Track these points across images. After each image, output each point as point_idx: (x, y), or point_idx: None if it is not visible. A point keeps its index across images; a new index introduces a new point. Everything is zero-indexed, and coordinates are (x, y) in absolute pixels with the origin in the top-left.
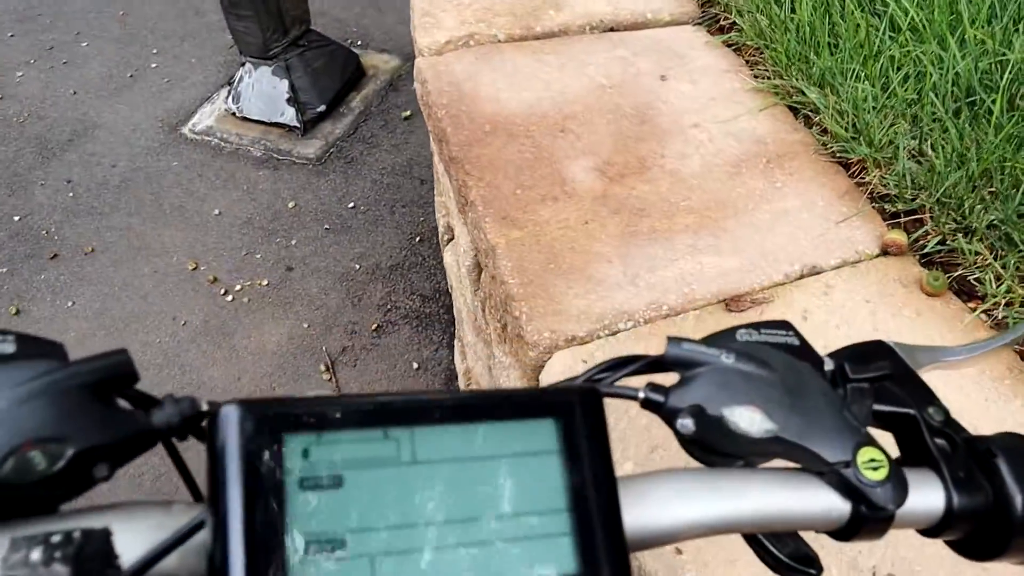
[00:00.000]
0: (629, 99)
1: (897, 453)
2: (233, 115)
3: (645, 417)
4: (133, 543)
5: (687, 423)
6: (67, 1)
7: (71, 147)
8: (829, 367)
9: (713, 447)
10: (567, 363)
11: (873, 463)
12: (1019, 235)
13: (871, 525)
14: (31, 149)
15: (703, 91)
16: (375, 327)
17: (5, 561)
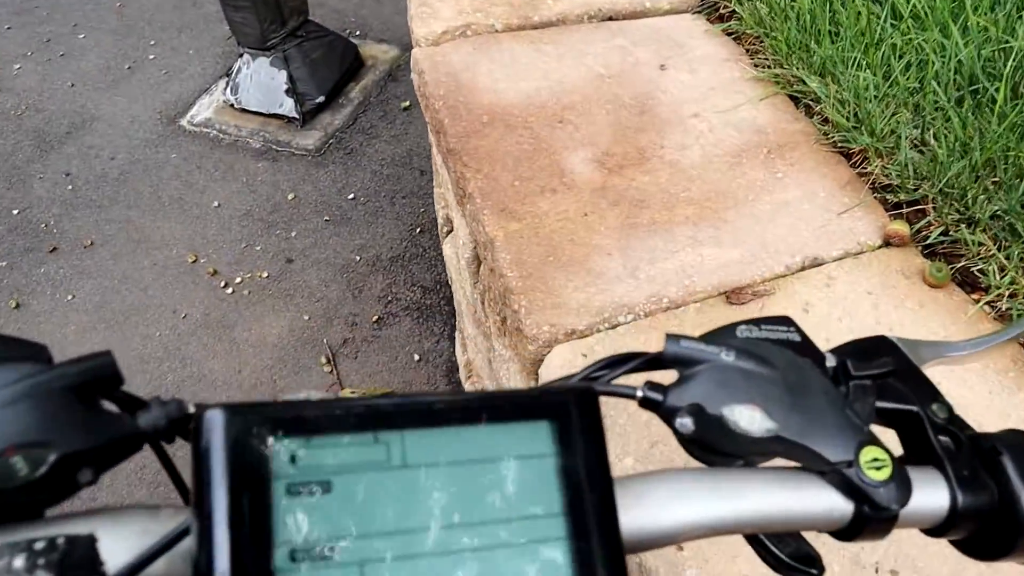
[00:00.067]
0: (628, 89)
1: (900, 451)
2: (231, 106)
3: (646, 413)
4: (119, 549)
5: (686, 422)
6: None
7: (69, 140)
8: (831, 364)
9: (713, 446)
10: (566, 357)
11: (876, 462)
12: (1023, 225)
13: (874, 525)
14: (29, 142)
15: (703, 80)
16: (376, 319)
17: None
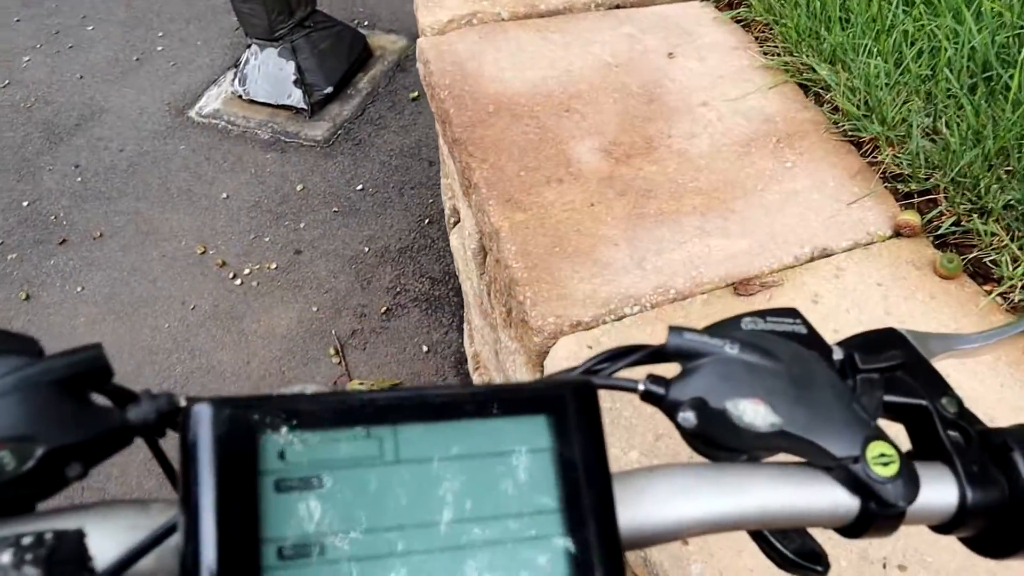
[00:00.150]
0: (636, 77)
1: (908, 445)
2: (240, 98)
3: (652, 406)
4: (108, 544)
5: (688, 416)
6: None
7: (78, 132)
8: (838, 356)
9: (716, 441)
10: (572, 349)
11: (883, 458)
12: None
13: (880, 522)
14: (39, 134)
15: (711, 68)
16: (384, 310)
17: None
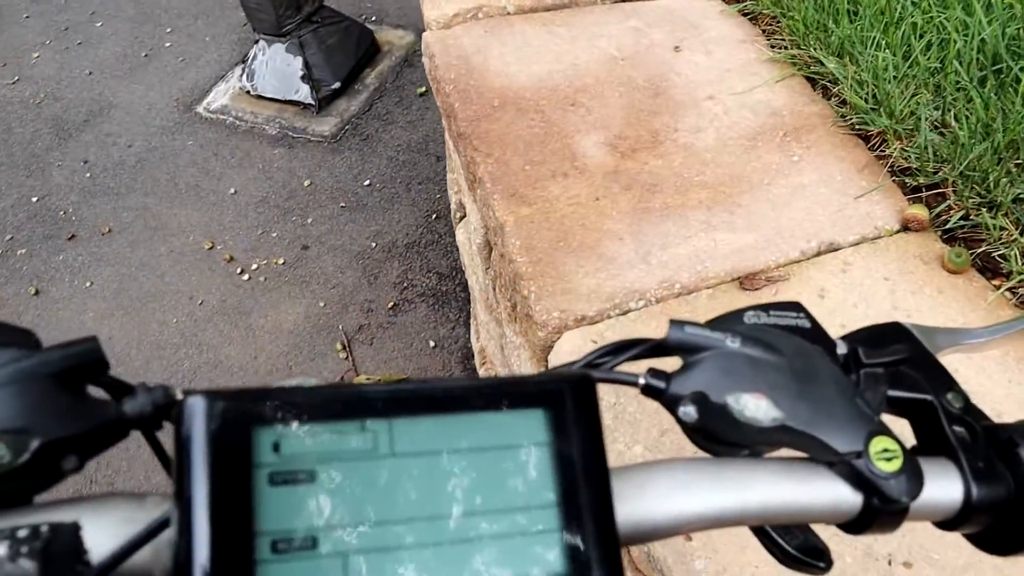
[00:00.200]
0: (642, 71)
1: (913, 441)
2: (248, 93)
3: (656, 401)
4: (104, 537)
5: (689, 411)
6: None
7: (87, 127)
8: (842, 351)
9: (717, 436)
10: (576, 343)
11: (886, 453)
12: None
13: (884, 518)
14: (48, 130)
15: (718, 62)
16: (391, 305)
17: None
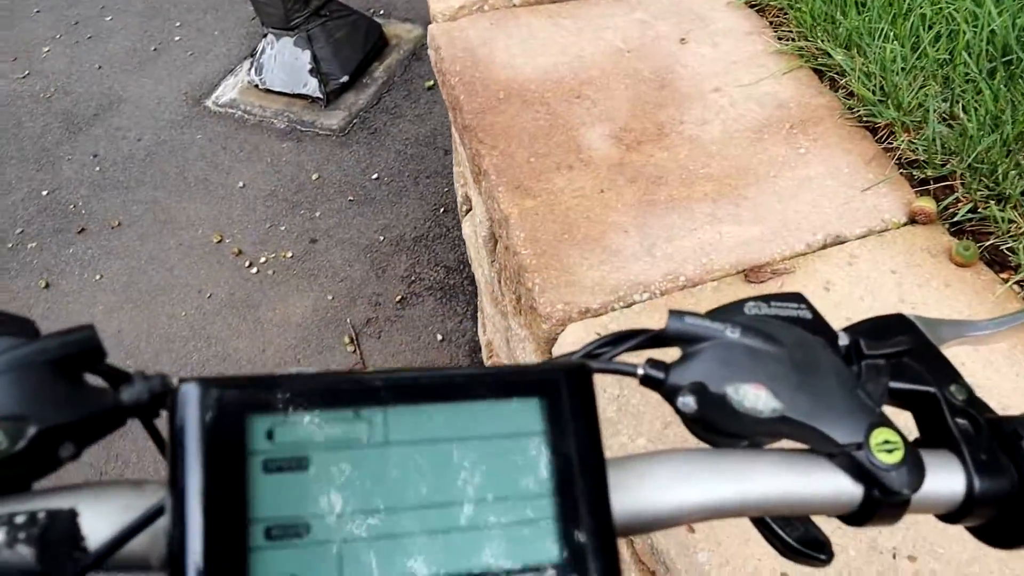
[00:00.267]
0: (648, 63)
1: (917, 434)
2: (256, 87)
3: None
4: (102, 524)
5: (688, 401)
6: None
7: (97, 121)
8: (844, 342)
9: (717, 426)
10: (580, 335)
11: (887, 445)
12: None
13: (884, 510)
14: (58, 124)
15: (724, 54)
16: (399, 299)
17: None
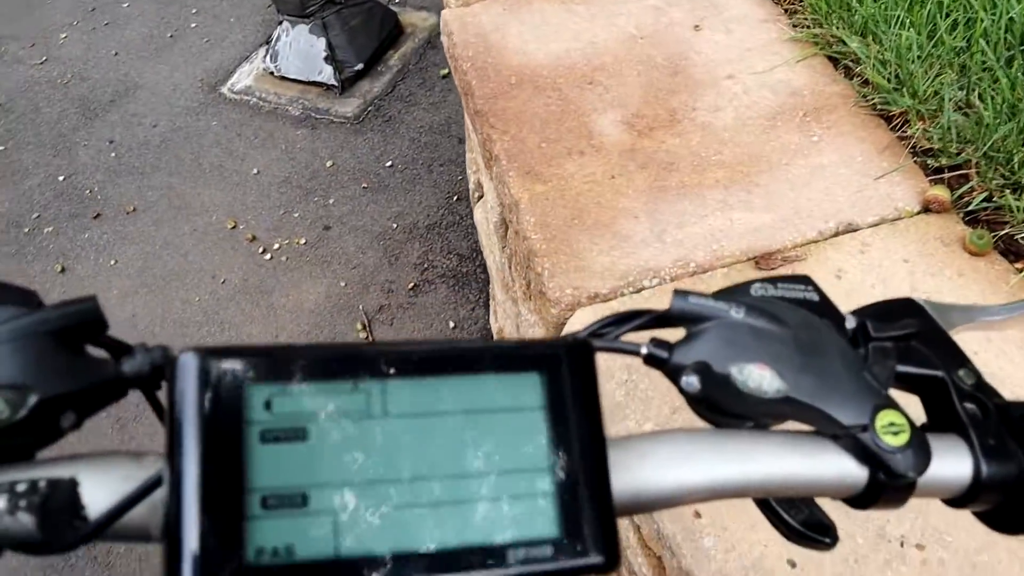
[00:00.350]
0: (661, 50)
1: (925, 419)
2: (271, 74)
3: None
4: (102, 494)
5: (692, 381)
6: None
7: (113, 108)
8: (851, 325)
9: (721, 407)
10: (588, 321)
11: (893, 427)
12: None
13: (890, 493)
14: (75, 110)
15: (738, 41)
16: (412, 286)
17: None
